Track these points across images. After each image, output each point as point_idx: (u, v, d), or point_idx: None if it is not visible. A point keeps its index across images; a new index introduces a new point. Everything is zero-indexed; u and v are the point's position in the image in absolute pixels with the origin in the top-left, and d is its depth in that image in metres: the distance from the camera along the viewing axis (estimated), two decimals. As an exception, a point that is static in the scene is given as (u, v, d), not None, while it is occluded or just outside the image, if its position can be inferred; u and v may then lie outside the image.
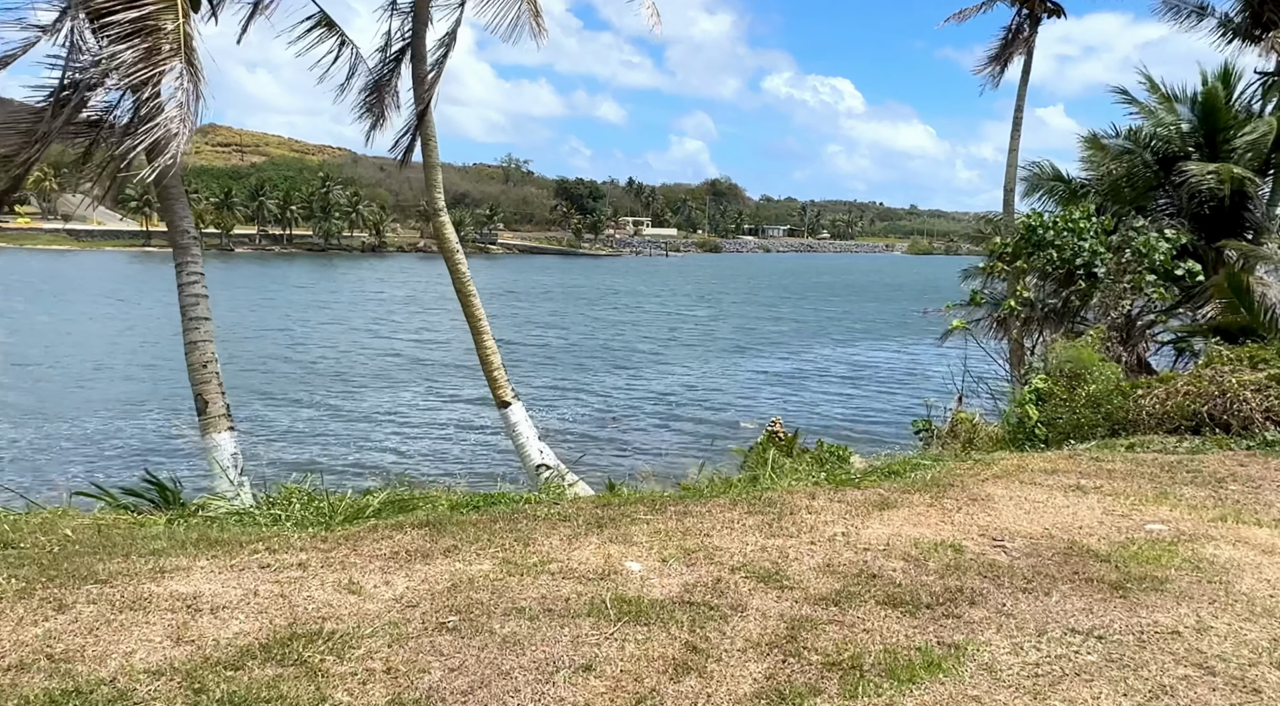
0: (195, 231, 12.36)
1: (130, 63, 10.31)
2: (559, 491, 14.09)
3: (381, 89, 14.18)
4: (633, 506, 6.90)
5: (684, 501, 7.17)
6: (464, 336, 48.91)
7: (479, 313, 14.39)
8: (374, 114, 14.40)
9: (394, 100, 14.47)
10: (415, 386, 35.89)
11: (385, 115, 14.31)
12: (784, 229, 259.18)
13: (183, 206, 12.20)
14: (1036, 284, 18.85)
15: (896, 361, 45.98)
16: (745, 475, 11.87)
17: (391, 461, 24.66)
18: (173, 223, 12.10)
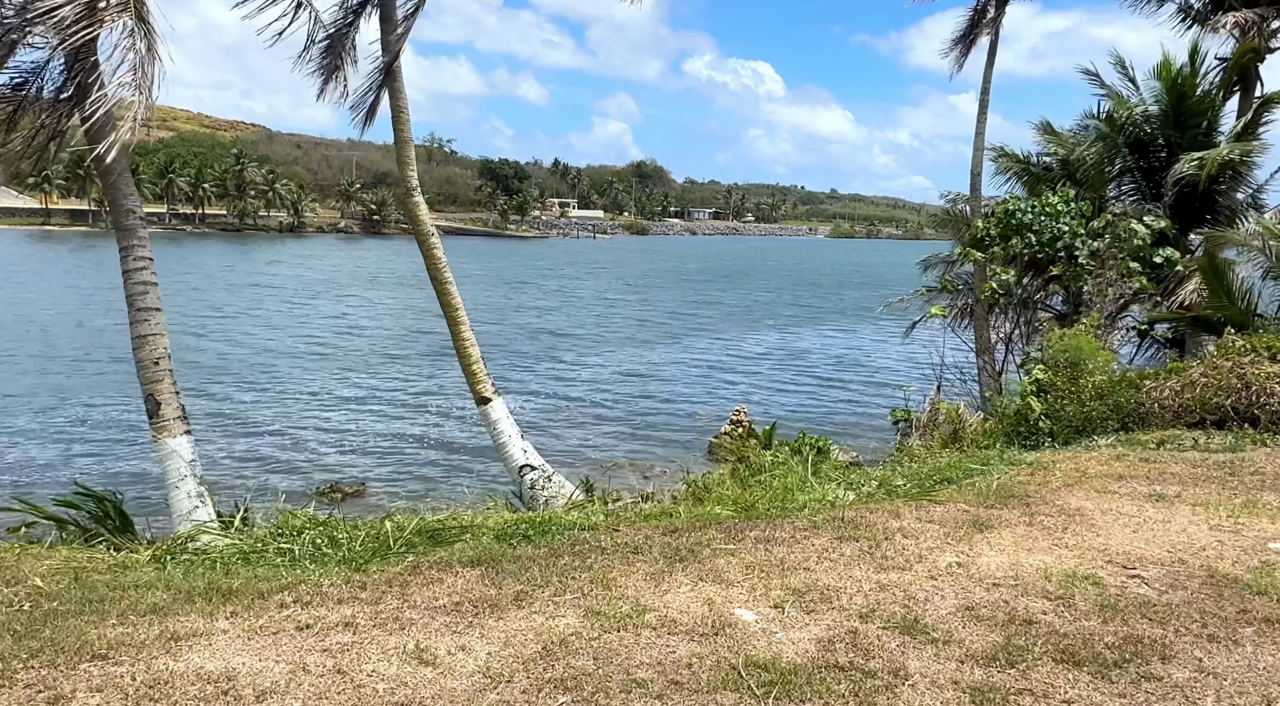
0: (142, 211, 11.01)
1: (71, 19, 8.95)
2: (549, 498, 13.20)
3: (338, 42, 12.84)
4: (703, 532, 6.04)
5: (754, 523, 6.36)
6: (388, 323, 47.05)
7: (456, 301, 13.29)
8: (327, 70, 13.00)
9: (351, 55, 13.13)
10: (363, 375, 34.26)
11: (341, 70, 12.94)
12: (709, 212, 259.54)
13: (127, 184, 10.85)
14: (1004, 270, 18.44)
15: (845, 348, 45.75)
16: (769, 476, 11.10)
17: (342, 458, 23.30)
18: (116, 201, 10.74)
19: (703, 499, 13.22)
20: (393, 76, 12.58)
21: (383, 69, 12.31)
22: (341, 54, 12.90)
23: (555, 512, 6.72)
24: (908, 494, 7.50)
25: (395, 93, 12.66)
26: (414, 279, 79.91)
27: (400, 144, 12.78)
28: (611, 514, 7.28)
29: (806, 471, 11.31)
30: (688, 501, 14.08)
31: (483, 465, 23.49)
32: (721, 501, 10.41)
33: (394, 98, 12.66)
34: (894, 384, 35.27)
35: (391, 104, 12.70)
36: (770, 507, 7.40)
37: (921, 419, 19.28)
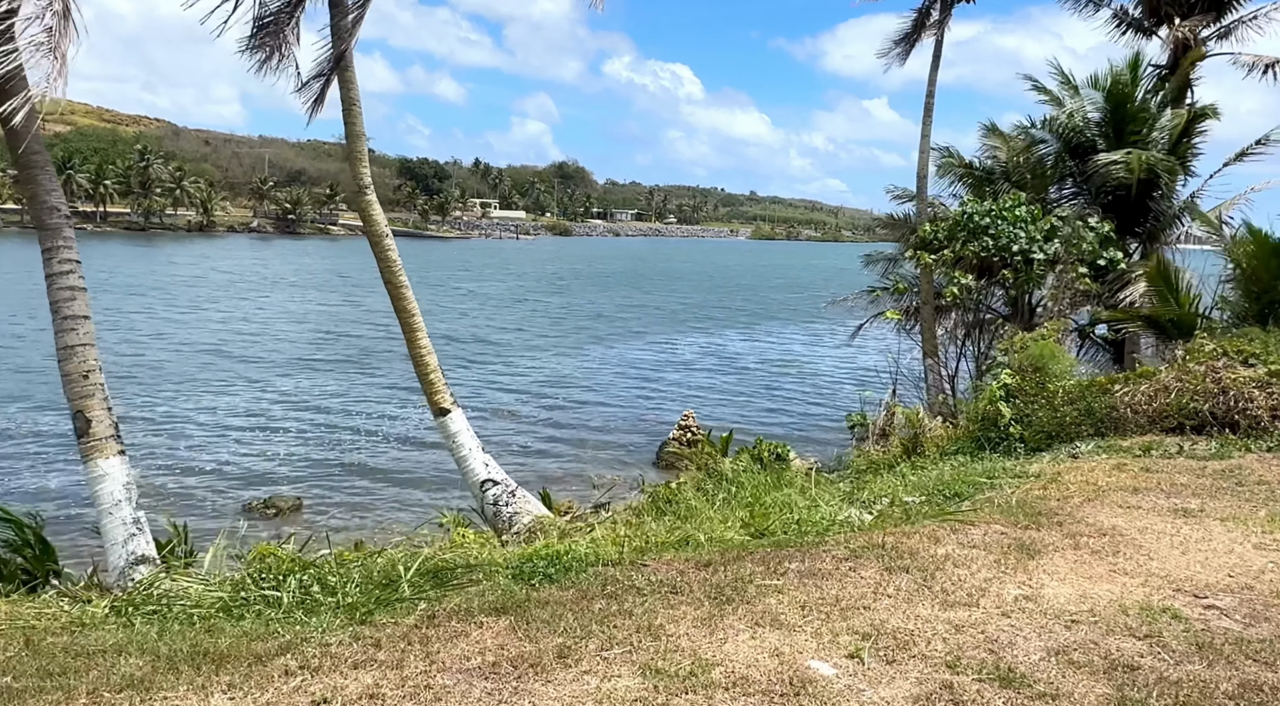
0: (67, 209, 9.99)
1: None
2: (513, 514, 12.51)
3: (281, 23, 11.93)
4: (738, 564, 5.51)
5: (784, 550, 5.84)
6: (308, 327, 45.20)
7: (412, 307, 12.49)
8: (267, 48, 12.03)
9: (295, 34, 12.22)
10: (288, 381, 32.77)
11: (281, 51, 11.99)
12: (632, 213, 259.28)
13: (50, 178, 9.84)
14: (963, 274, 18.39)
15: (778, 351, 45.61)
16: (740, 489, 10.64)
17: (271, 471, 22.13)
18: (37, 198, 9.72)
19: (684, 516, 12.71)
20: (344, 66, 11.76)
21: (333, 58, 11.48)
22: (285, 33, 11.98)
23: (570, 545, 6.10)
24: (926, 512, 7.09)
25: (347, 83, 11.84)
26: (331, 281, 77.69)
27: (352, 138, 11.96)
28: (626, 542, 6.69)
29: (812, 487, 10.90)
30: (665, 516, 13.52)
31: (425, 476, 22.56)
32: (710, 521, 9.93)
33: (345, 88, 11.84)
34: (832, 388, 35.34)
35: (342, 95, 11.87)
36: (788, 531, 6.91)
37: (877, 423, 19.14)
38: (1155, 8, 22.86)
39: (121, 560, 9.41)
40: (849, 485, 13.62)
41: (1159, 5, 22.80)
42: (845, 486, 13.73)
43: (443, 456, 24.02)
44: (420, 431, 26.31)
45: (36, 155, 9.77)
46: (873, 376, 37.15)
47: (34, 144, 9.74)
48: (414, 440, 25.30)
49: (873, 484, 13.30)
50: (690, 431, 23.93)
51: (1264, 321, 16.05)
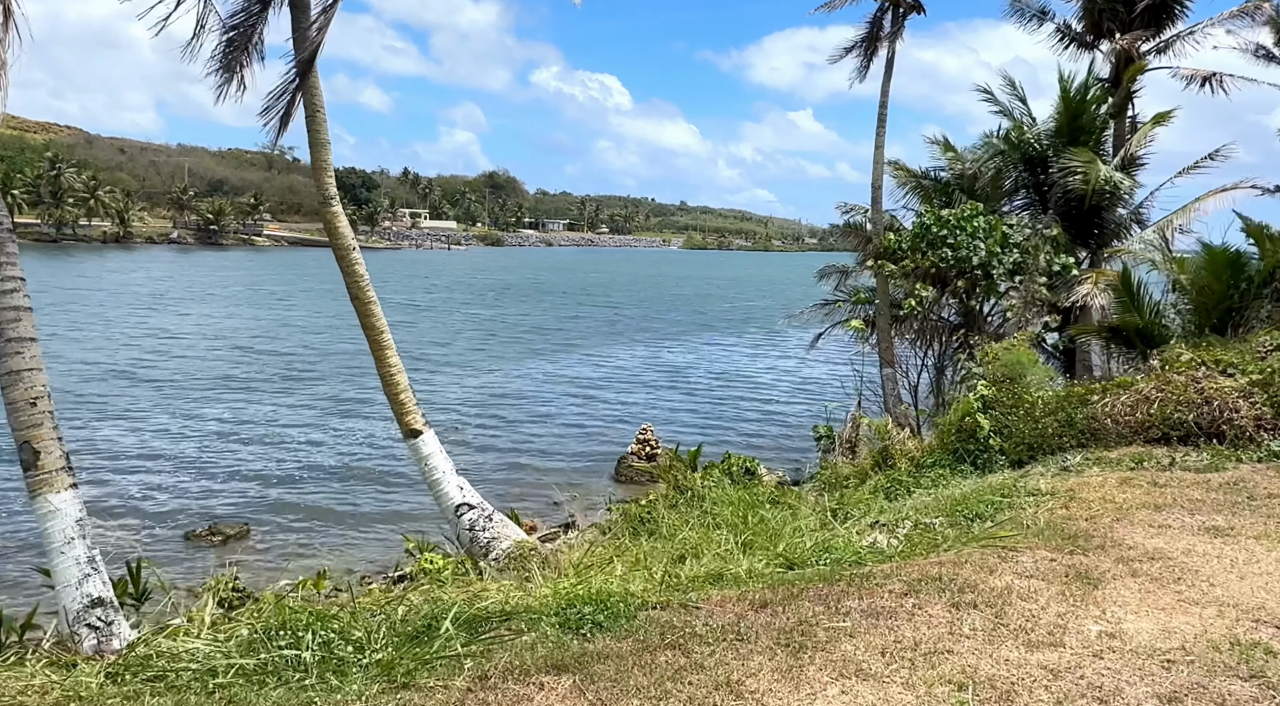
0: (10, 223, 9.19)
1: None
2: (491, 539, 11.95)
3: (244, 35, 11.29)
4: (794, 604, 5.16)
5: (834, 585, 5.49)
6: (207, 344, 43.48)
7: (380, 323, 11.87)
8: (229, 69, 11.43)
9: (259, 50, 11.62)
10: (224, 399, 31.43)
11: (242, 68, 11.37)
12: (564, 223, 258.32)
13: None
14: (924, 286, 18.41)
15: (723, 363, 45.35)
16: (728, 507, 10.32)
17: (211, 494, 21.08)
18: None
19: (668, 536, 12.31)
20: (310, 74, 11.13)
21: (298, 66, 10.85)
22: (248, 49, 11.34)
23: (603, 583, 5.66)
24: (956, 536, 6.82)
25: (310, 91, 11.22)
26: (256, 295, 75.44)
27: (316, 146, 11.33)
28: (661, 578, 6.27)
29: (802, 506, 10.61)
30: (649, 537, 13.11)
31: (373, 496, 21.77)
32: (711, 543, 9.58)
33: (308, 96, 11.21)
34: (779, 399, 35.24)
35: (305, 103, 11.25)
36: (821, 561, 6.56)
37: (843, 435, 19.03)
38: (1097, 23, 23.34)
39: (76, 603, 8.64)
40: (832, 501, 13.44)
41: (1100, 20, 23.29)
42: (829, 502, 13.56)
43: (394, 475, 23.37)
44: (363, 449, 25.46)
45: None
46: (820, 387, 37.39)
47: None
48: (357, 458, 24.43)
49: (862, 500, 13.14)
50: (649, 445, 23.56)
51: (1219, 331, 16.38)
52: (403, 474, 23.62)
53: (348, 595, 14.73)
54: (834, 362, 43.10)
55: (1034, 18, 24.05)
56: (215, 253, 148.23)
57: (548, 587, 6.18)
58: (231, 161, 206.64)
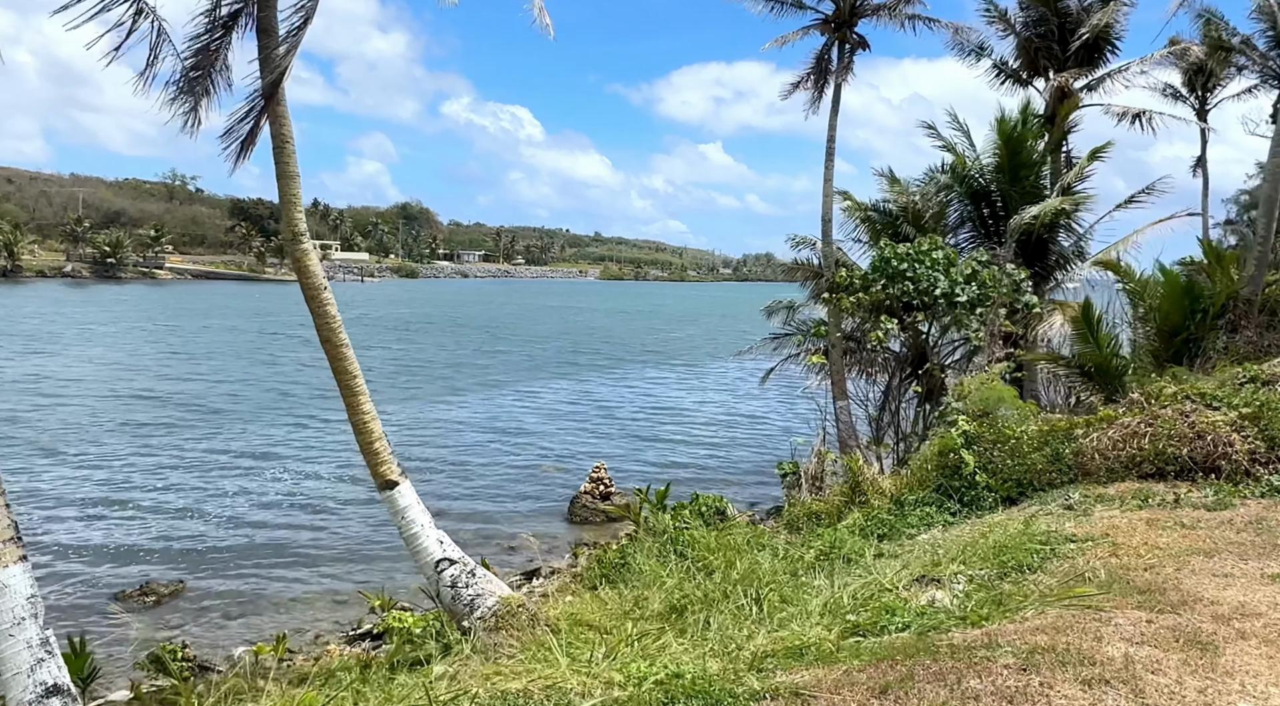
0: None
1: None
2: (475, 597, 11.20)
3: (207, 62, 10.55)
4: (917, 687, 4.70)
5: (938, 661, 5.08)
6: (106, 386, 41.05)
7: (353, 367, 11.11)
8: (194, 94, 10.67)
9: (224, 78, 10.88)
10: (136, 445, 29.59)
11: (210, 96, 10.65)
12: (479, 254, 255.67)
13: None
14: (888, 319, 18.40)
15: (651, 398, 44.71)
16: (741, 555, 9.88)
17: (140, 550, 19.69)
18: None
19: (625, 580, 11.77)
20: (276, 100, 10.43)
21: (263, 91, 10.14)
22: (212, 76, 10.60)
23: (667, 665, 5.13)
24: (1020, 592, 6.50)
25: (278, 118, 10.50)
26: (155, 331, 72.21)
27: (285, 179, 10.59)
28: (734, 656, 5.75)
29: (821, 558, 10.20)
30: (618, 583, 12.52)
31: (312, 547, 20.57)
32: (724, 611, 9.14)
33: (276, 124, 10.49)
34: (716, 434, 34.71)
35: (273, 132, 10.52)
36: (889, 627, 6.14)
37: (809, 470, 18.80)
38: (1033, 60, 24.03)
39: (28, 694, 7.68)
40: (815, 541, 13.09)
41: (1036, 58, 23.98)
42: (819, 544, 13.20)
43: (333, 520, 22.20)
44: (298, 494, 24.24)
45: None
46: (755, 421, 37.30)
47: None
48: (293, 505, 23.21)
49: (843, 540, 12.82)
50: (604, 484, 22.98)
51: (1178, 361, 16.72)
52: (342, 518, 22.50)
53: (314, 659, 13.78)
54: (766, 397, 43.26)
55: (972, 53, 24.61)
56: (113, 286, 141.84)
57: (606, 669, 5.61)
58: (129, 192, 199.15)
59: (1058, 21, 23.82)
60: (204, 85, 10.64)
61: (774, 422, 36.93)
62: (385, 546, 20.44)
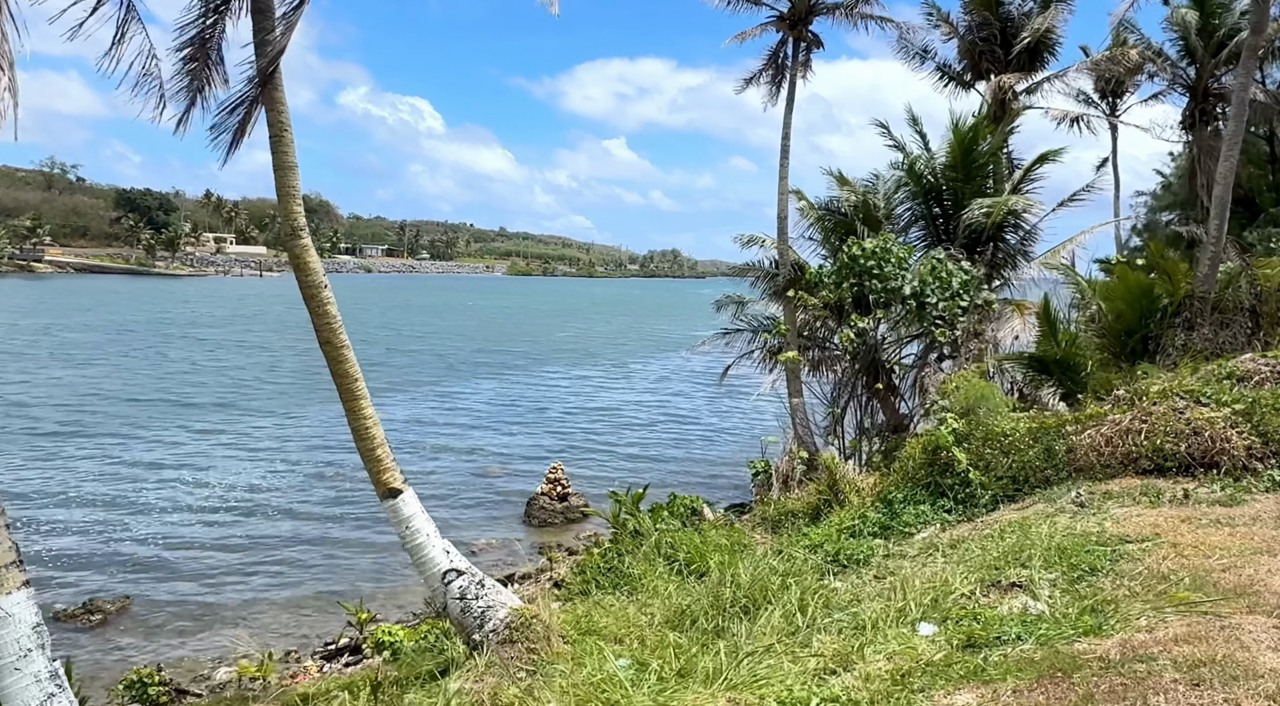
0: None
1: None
2: (485, 609, 10.70)
3: (202, 49, 9.78)
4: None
5: (1106, 677, 4.96)
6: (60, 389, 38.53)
7: (354, 371, 10.47)
8: (191, 88, 9.92)
9: (221, 71, 10.12)
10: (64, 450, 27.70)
11: (209, 86, 9.92)
12: (382, 249, 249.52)
13: None
14: (859, 318, 18.51)
15: (578, 396, 44.26)
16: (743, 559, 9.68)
17: (66, 561, 18.40)
18: None
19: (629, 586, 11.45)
20: (273, 85, 9.75)
21: (259, 74, 9.46)
22: (208, 65, 9.86)
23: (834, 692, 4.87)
24: (1118, 597, 6.47)
25: (275, 105, 9.80)
26: (31, 330, 68.18)
27: (283, 170, 9.89)
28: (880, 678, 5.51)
29: (795, 547, 10.04)
30: (610, 590, 12.19)
31: (264, 548, 19.60)
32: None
33: (273, 112, 9.79)
34: (649, 431, 34.45)
35: (270, 120, 9.82)
36: (1002, 637, 6.01)
37: (781, 469, 18.79)
38: (976, 64, 24.60)
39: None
40: (823, 544, 13.00)
41: (980, 61, 24.55)
42: (813, 544, 13.11)
43: (277, 529, 21.15)
44: (237, 499, 23.12)
45: None
46: (686, 418, 37.23)
47: None
48: (226, 512, 22.10)
49: (829, 538, 12.80)
50: (560, 485, 22.55)
51: (1132, 359, 17.27)
52: (284, 519, 21.48)
53: (290, 677, 13.03)
54: (693, 396, 43.30)
55: (917, 56, 25.07)
56: (27, 280, 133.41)
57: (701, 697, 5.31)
58: (2, 179, 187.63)
59: (999, 26, 24.46)
60: (201, 76, 9.87)
61: (707, 422, 36.99)
62: (331, 552, 19.68)
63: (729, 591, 11.49)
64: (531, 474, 25.41)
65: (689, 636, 10.35)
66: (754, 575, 11.86)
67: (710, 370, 52.72)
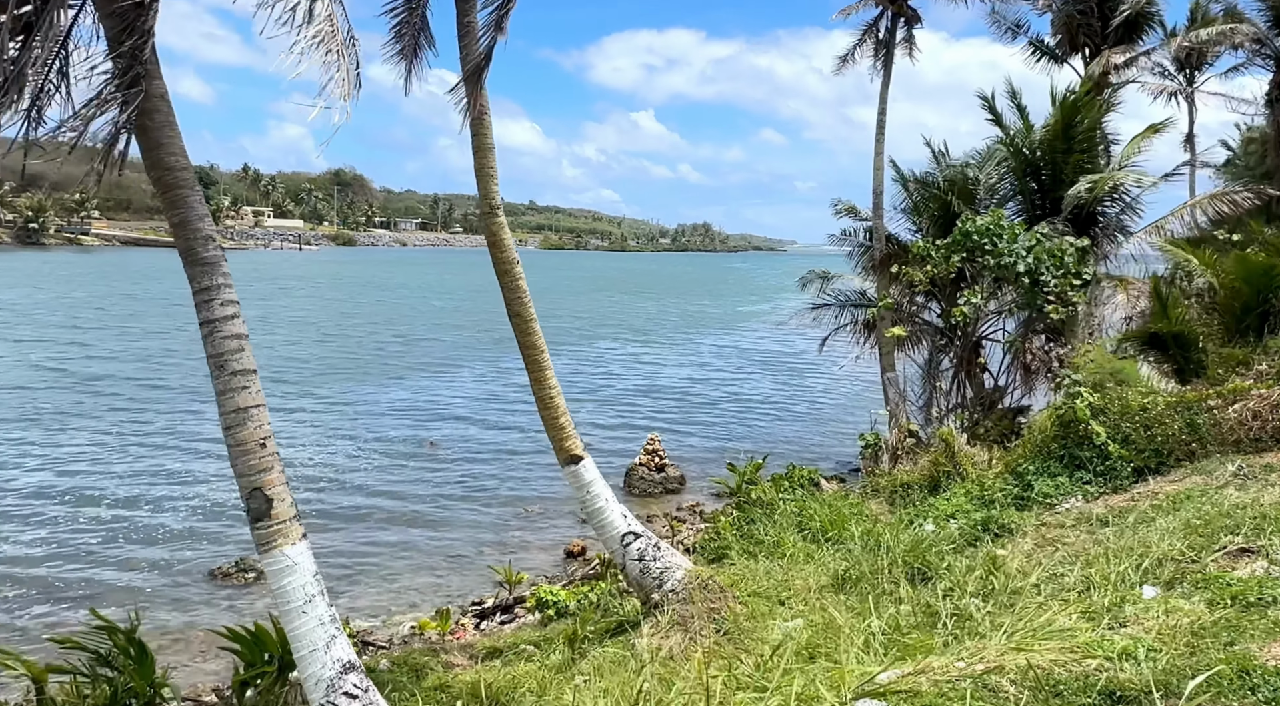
0: (219, 242, 7.97)
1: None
2: (663, 570, 11.19)
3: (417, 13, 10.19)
4: None
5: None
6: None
7: (540, 342, 10.98)
8: (406, 55, 10.34)
9: (428, 36, 10.51)
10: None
11: (420, 52, 10.34)
12: (416, 222, 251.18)
13: (199, 200, 7.91)
14: (972, 293, 18.75)
15: (644, 372, 44.63)
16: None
17: (204, 523, 19.13)
18: (188, 223, 7.77)
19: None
20: (476, 78, 10.18)
21: (485, 52, 9.88)
22: (420, 32, 10.30)
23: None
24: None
25: (475, 91, 10.26)
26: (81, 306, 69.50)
27: (482, 152, 10.38)
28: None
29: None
30: (754, 556, 12.47)
31: (395, 511, 20.19)
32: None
33: (476, 96, 10.26)
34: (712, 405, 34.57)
35: (470, 102, 10.29)
36: (1256, 599, 6.36)
37: (890, 442, 19.14)
38: (1074, 37, 24.52)
39: (328, 670, 7.56)
40: (975, 515, 13.33)
41: (1076, 35, 24.48)
42: (974, 517, 13.35)
43: (411, 491, 21.71)
44: (366, 463, 23.89)
45: (184, 172, 7.76)
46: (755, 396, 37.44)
47: (181, 159, 7.76)
48: (371, 472, 22.88)
49: (961, 508, 13.16)
50: (658, 456, 23.04)
51: (1245, 335, 17.43)
52: (423, 486, 21.95)
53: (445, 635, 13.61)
54: (747, 371, 43.46)
55: (1009, 30, 25.03)
56: (35, 254, 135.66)
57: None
58: (50, 154, 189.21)
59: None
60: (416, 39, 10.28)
61: (774, 400, 36.98)
62: (446, 511, 20.31)
63: (889, 557, 11.93)
64: (614, 448, 25.65)
65: (855, 599, 10.80)
66: (914, 541, 12.31)
67: (765, 348, 53.23)
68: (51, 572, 16.08)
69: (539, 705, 8.95)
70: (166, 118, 7.77)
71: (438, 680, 10.05)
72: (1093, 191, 20.75)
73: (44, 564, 16.47)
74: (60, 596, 15.14)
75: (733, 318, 77.24)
